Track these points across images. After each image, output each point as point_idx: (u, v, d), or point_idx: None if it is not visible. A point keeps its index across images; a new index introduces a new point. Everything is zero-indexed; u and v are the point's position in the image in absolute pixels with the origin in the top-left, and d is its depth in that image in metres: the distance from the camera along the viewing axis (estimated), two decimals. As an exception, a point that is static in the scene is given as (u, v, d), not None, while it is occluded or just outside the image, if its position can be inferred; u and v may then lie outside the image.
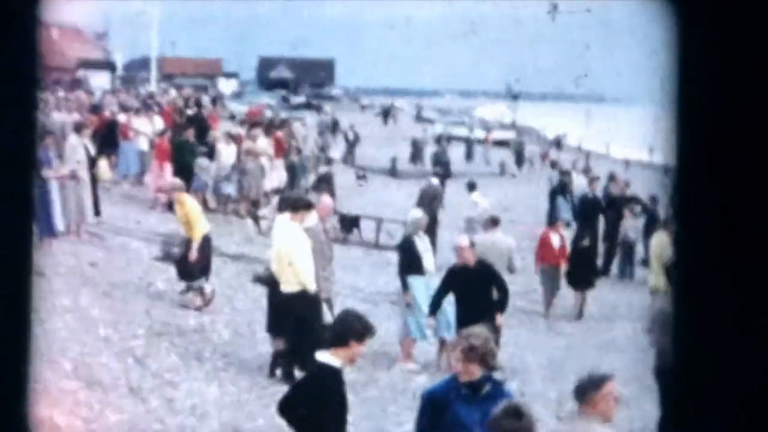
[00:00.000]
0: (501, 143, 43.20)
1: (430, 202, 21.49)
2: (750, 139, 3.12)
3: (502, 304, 13.15)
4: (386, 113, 50.60)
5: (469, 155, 41.29)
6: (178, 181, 15.87)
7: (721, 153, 3.11)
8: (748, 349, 3.15)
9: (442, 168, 28.57)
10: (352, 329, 6.64)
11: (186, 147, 23.43)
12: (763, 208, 3.11)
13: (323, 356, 6.68)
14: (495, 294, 13.06)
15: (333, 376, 6.65)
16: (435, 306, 13.19)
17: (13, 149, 3.27)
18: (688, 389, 3.23)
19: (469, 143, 42.26)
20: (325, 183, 23.58)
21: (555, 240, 18.79)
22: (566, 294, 18.92)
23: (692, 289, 3.20)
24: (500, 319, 12.93)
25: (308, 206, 12.60)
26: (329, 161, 27.84)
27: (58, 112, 23.69)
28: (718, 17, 3.11)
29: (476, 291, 12.82)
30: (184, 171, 22.39)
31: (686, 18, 3.13)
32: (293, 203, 12.56)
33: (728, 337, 3.15)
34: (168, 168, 23.11)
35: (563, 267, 18.69)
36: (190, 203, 14.88)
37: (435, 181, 23.52)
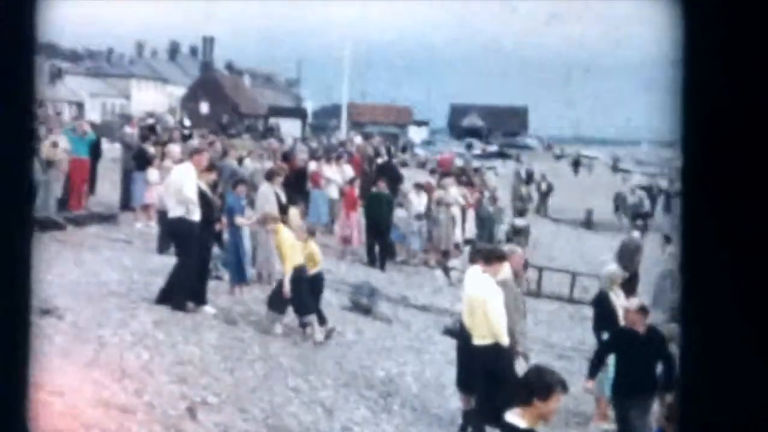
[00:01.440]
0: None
1: (630, 256, 20.68)
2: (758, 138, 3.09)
3: (668, 379, 12.09)
4: (577, 163, 49.85)
5: (668, 207, 40.17)
6: (272, 212, 15.67)
7: (729, 152, 3.09)
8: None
9: (642, 220, 27.78)
10: (536, 387, 6.19)
11: (381, 199, 23.34)
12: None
13: (511, 416, 6.26)
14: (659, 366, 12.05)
15: None
16: (594, 368, 12.37)
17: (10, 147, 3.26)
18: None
19: (668, 195, 41.14)
20: (521, 235, 23.15)
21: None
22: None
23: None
24: (669, 397, 11.93)
25: (501, 258, 12.21)
26: (523, 212, 27.41)
27: (250, 160, 24.08)
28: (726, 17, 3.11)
29: (639, 359, 11.88)
30: (378, 223, 22.35)
31: None
32: (486, 254, 12.21)
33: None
34: (355, 217, 23.13)
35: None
36: (283, 235, 14.60)
37: (636, 234, 22.76)
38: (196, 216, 14.05)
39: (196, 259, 14.12)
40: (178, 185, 14.23)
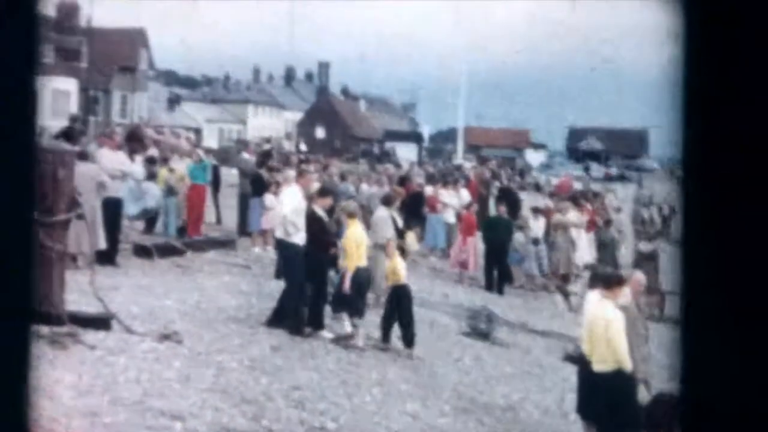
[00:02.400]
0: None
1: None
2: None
3: None
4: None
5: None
6: (352, 204, 15.47)
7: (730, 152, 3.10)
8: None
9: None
10: (657, 416, 5.95)
11: (500, 223, 23.13)
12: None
13: None
14: None
15: None
16: None
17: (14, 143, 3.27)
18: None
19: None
20: (649, 261, 22.64)
21: None
22: None
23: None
24: None
25: (621, 282, 11.92)
26: (652, 237, 26.83)
27: (367, 185, 24.11)
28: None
29: None
30: (497, 248, 22.16)
31: None
32: (606, 279, 11.92)
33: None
34: (472, 242, 22.96)
35: None
36: (353, 231, 14.42)
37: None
38: (298, 239, 14.08)
39: (299, 282, 14.13)
40: (284, 207, 14.37)
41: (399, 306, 14.71)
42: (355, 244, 14.25)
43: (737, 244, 3.12)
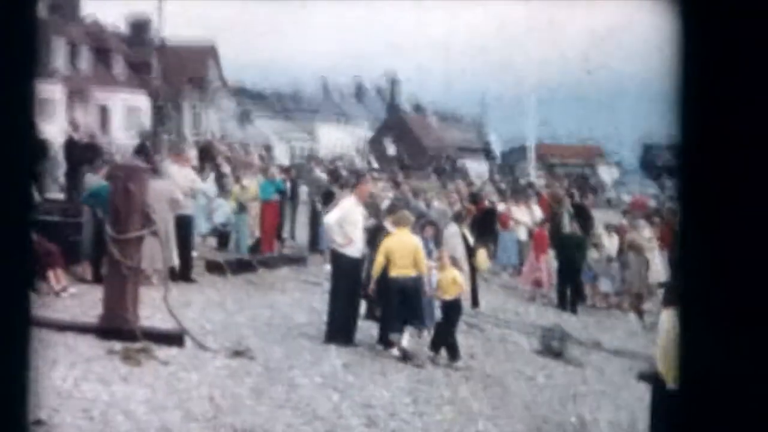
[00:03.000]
0: None
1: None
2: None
3: None
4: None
5: None
6: (401, 212, 15.13)
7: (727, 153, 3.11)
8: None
9: None
10: None
11: (573, 240, 22.90)
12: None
13: None
14: None
15: None
16: None
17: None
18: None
19: None
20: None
21: None
22: None
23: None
24: None
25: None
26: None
27: (437, 201, 24.04)
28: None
29: None
30: (570, 266, 21.94)
31: None
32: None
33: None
34: (545, 259, 22.76)
35: None
36: (396, 239, 14.08)
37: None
38: (350, 250, 13.99)
39: (346, 294, 14.05)
40: (330, 217, 14.36)
41: (448, 319, 14.54)
42: (398, 253, 13.99)
43: (738, 245, 3.12)
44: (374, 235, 14.65)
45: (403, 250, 13.89)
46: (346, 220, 14.00)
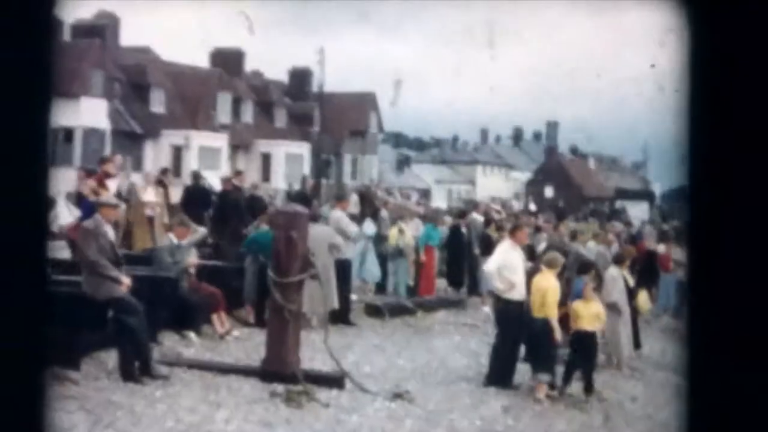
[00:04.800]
0: None
1: None
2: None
3: None
4: None
5: None
6: (552, 254, 14.71)
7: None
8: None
9: None
10: None
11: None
12: None
13: None
14: None
15: None
16: None
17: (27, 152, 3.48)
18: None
19: None
20: None
21: None
22: None
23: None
24: None
25: None
26: None
27: (594, 243, 23.77)
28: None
29: None
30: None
31: None
32: None
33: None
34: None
35: None
36: (541, 280, 13.68)
37: None
38: (513, 294, 13.86)
39: (509, 339, 13.95)
40: (489, 264, 14.33)
41: (585, 353, 14.22)
42: (540, 294, 13.74)
43: (744, 248, 3.10)
44: (531, 278, 14.59)
45: (537, 292, 13.72)
46: (506, 266, 13.96)
